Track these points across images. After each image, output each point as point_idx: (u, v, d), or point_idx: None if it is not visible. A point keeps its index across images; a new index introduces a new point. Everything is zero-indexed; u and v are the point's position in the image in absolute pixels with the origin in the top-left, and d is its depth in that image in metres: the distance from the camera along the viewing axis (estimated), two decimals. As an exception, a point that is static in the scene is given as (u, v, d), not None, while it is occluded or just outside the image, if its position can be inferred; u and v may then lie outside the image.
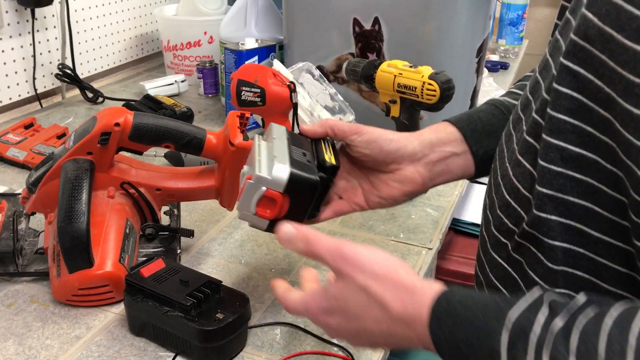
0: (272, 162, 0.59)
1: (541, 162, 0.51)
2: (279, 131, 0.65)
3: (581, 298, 0.44)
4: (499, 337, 0.44)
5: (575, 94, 0.48)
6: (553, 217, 0.51)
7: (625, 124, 0.43)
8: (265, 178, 0.58)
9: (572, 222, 0.50)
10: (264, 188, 0.58)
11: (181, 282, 0.69)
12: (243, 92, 0.99)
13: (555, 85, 0.50)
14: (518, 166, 0.55)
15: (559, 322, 0.42)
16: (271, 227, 0.61)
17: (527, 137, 0.54)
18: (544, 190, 0.51)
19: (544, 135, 0.51)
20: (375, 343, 0.53)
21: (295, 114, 0.99)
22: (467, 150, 0.69)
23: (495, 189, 0.59)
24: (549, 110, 0.50)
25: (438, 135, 0.69)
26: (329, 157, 0.63)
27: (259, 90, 0.98)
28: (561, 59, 0.49)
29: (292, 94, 0.98)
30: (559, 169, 0.50)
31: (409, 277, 0.50)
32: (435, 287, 0.49)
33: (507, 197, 0.56)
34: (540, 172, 0.51)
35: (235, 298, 0.68)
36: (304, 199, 0.60)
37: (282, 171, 0.58)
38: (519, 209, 0.54)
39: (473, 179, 0.72)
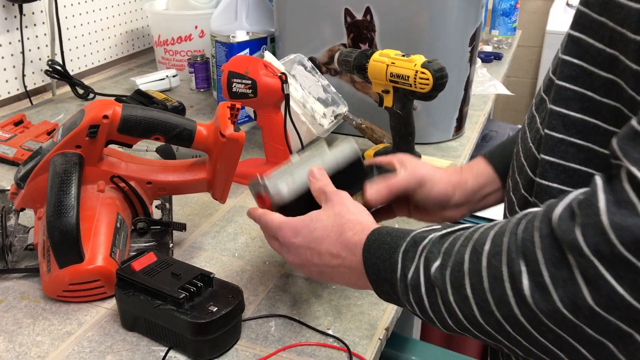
0: (282, 177, 0.68)
1: (545, 130, 0.53)
2: (334, 152, 0.71)
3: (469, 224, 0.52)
4: (400, 249, 0.53)
5: (576, 60, 0.50)
6: (554, 185, 0.52)
7: (627, 81, 0.44)
8: (266, 186, 0.67)
9: (572, 189, 0.50)
10: (262, 192, 0.68)
11: (173, 275, 0.68)
12: (234, 84, 0.98)
13: (560, 54, 0.51)
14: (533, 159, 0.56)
15: (439, 233, 0.52)
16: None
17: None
18: (547, 158, 0.52)
19: (548, 104, 0.52)
20: (323, 272, 0.62)
21: (287, 105, 0.98)
22: (502, 186, 0.74)
23: (519, 170, 0.60)
24: (555, 80, 0.52)
25: (478, 180, 0.75)
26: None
27: (250, 82, 0.97)
28: (568, 29, 0.51)
29: (284, 85, 0.97)
30: (561, 136, 0.51)
31: (368, 221, 0.61)
32: (371, 226, 0.59)
33: (532, 176, 0.57)
34: (544, 140, 0.53)
35: (228, 290, 0.67)
36: (289, 213, 0.67)
37: (277, 190, 0.67)
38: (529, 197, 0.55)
39: None
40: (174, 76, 1.53)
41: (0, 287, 0.77)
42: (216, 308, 0.64)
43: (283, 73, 0.97)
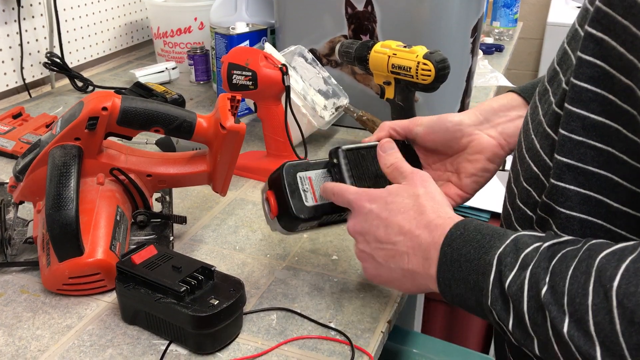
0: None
1: (562, 131, 0.51)
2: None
3: (576, 238, 0.47)
4: (496, 251, 0.48)
5: (598, 62, 0.48)
6: (572, 187, 0.51)
7: None
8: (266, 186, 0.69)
9: (591, 192, 0.50)
10: (265, 193, 0.69)
11: (174, 268, 0.67)
12: (234, 76, 0.97)
13: (579, 53, 0.49)
14: (546, 138, 0.54)
15: (546, 243, 0.47)
16: (282, 224, 0.69)
17: (556, 109, 0.53)
18: (564, 160, 0.51)
19: (566, 104, 0.50)
20: (377, 250, 0.59)
21: (288, 97, 0.97)
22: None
23: (521, 162, 0.58)
24: (572, 78, 0.50)
25: (499, 102, 0.70)
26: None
27: (250, 74, 0.96)
28: (586, 26, 0.48)
29: (284, 76, 0.96)
30: (580, 138, 0.50)
31: (453, 213, 0.57)
32: (454, 218, 0.55)
33: (535, 169, 0.56)
34: (561, 141, 0.51)
35: (230, 283, 0.67)
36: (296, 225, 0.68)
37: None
38: (546, 181, 0.54)
39: None
40: (173, 68, 1.52)
41: (0, 280, 0.76)
42: (217, 301, 0.64)
43: (284, 65, 0.97)
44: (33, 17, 1.41)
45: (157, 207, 0.89)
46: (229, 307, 0.64)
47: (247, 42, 1.26)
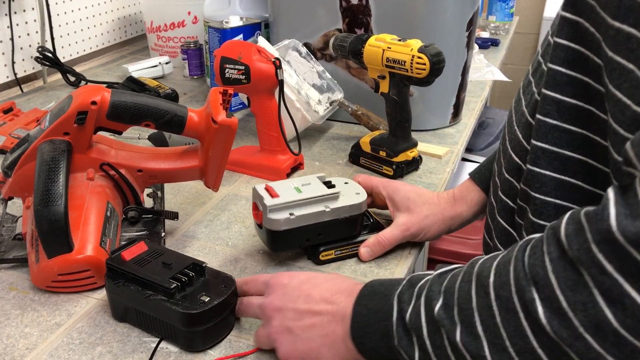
0: (282, 210, 0.74)
1: (538, 116, 0.51)
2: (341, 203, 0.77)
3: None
4: (395, 293, 0.51)
5: (572, 44, 0.48)
6: (547, 172, 0.51)
7: (606, 67, 0.43)
8: (265, 208, 0.74)
9: (565, 177, 0.50)
10: (260, 209, 0.75)
11: (164, 264, 0.66)
12: (227, 70, 0.96)
13: (554, 38, 0.49)
14: (527, 128, 0.54)
15: (435, 272, 0.50)
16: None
17: (537, 97, 0.53)
18: (539, 144, 0.51)
19: (542, 89, 0.50)
20: (295, 322, 0.58)
21: (282, 91, 0.96)
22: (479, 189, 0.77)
23: (504, 154, 0.59)
24: (547, 63, 0.50)
25: (474, 210, 0.77)
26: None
27: (243, 68, 0.95)
28: (560, 11, 0.49)
29: (278, 70, 0.95)
30: (555, 122, 0.50)
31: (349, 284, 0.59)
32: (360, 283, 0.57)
33: (516, 159, 0.56)
34: (537, 126, 0.51)
35: (221, 280, 0.66)
36: (277, 240, 0.76)
37: (273, 220, 0.73)
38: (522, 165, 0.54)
39: None
40: (166, 63, 1.51)
41: (-12, 277, 0.75)
42: (208, 298, 0.63)
43: (277, 58, 0.95)
44: (24, 10, 1.39)
45: (148, 202, 0.88)
46: (220, 304, 0.63)
47: (241, 35, 1.24)
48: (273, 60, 0.95)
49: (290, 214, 0.73)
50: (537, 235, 0.43)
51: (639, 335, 0.35)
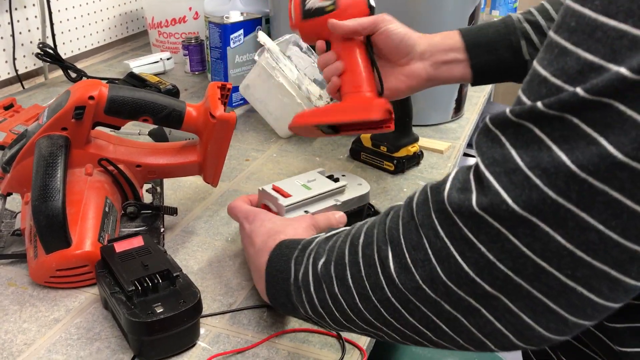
0: (296, 210, 0.75)
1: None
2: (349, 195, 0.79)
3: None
4: (292, 257, 0.56)
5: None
6: None
7: None
8: (280, 207, 0.75)
9: None
10: (270, 207, 0.76)
11: (142, 264, 0.65)
12: None
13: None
14: None
15: (324, 235, 0.56)
16: None
17: None
18: None
19: None
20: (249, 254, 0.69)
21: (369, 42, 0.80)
22: (467, 59, 0.79)
23: None
24: None
25: (446, 41, 0.80)
26: None
27: None
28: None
29: None
30: None
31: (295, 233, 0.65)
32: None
33: None
34: None
35: (187, 294, 0.63)
36: None
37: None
38: None
39: (472, 84, 0.83)
40: (168, 59, 1.50)
41: (-13, 273, 0.75)
42: (161, 310, 0.60)
43: None
44: (25, 7, 1.39)
45: (147, 198, 0.88)
46: (167, 318, 0.60)
47: (242, 31, 1.24)
48: None
49: (305, 212, 0.74)
50: (400, 203, 0.49)
51: (461, 286, 0.41)
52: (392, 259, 0.45)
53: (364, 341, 0.65)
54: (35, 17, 1.42)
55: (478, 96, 1.37)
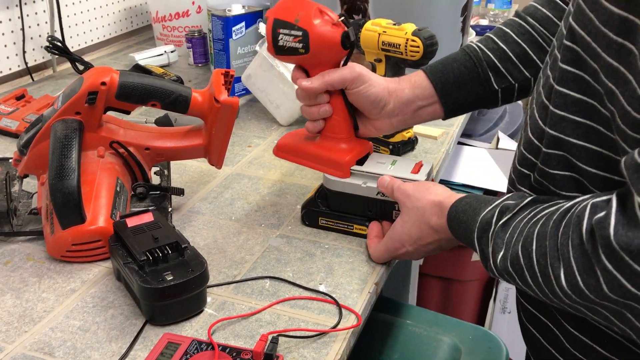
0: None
1: (550, 108, 0.59)
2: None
3: (527, 198, 0.60)
4: (474, 235, 0.62)
5: (574, 46, 0.55)
6: (559, 153, 0.59)
7: (608, 75, 0.50)
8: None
9: (572, 158, 0.58)
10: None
11: (153, 237, 0.69)
12: (280, 36, 0.77)
13: (564, 40, 0.57)
14: (543, 109, 0.61)
15: (500, 221, 0.60)
16: None
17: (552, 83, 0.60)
18: (551, 132, 0.59)
19: (554, 84, 0.58)
20: (427, 250, 0.74)
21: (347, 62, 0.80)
22: (437, 101, 0.81)
23: (524, 127, 0.66)
24: (559, 62, 0.58)
25: (415, 91, 0.80)
26: None
27: (300, 34, 0.75)
28: (569, 18, 0.57)
29: (346, 35, 0.75)
30: (563, 113, 0.57)
31: (440, 193, 0.71)
32: (452, 199, 0.68)
33: (530, 135, 0.63)
34: (550, 116, 0.59)
35: (195, 263, 0.68)
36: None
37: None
38: (540, 146, 0.61)
39: (444, 119, 0.85)
40: (172, 52, 1.55)
41: (6, 249, 0.80)
42: (171, 277, 0.65)
43: (344, 16, 0.77)
44: (34, 1, 1.44)
45: (155, 180, 0.92)
46: (177, 285, 0.65)
47: (244, 23, 1.29)
48: (340, 20, 0.76)
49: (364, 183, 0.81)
50: (566, 207, 0.53)
51: (623, 298, 0.48)
52: (563, 277, 0.51)
53: (360, 307, 0.70)
54: (44, 11, 1.47)
55: (472, 85, 1.41)
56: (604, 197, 0.50)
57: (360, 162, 0.83)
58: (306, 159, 0.84)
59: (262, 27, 1.14)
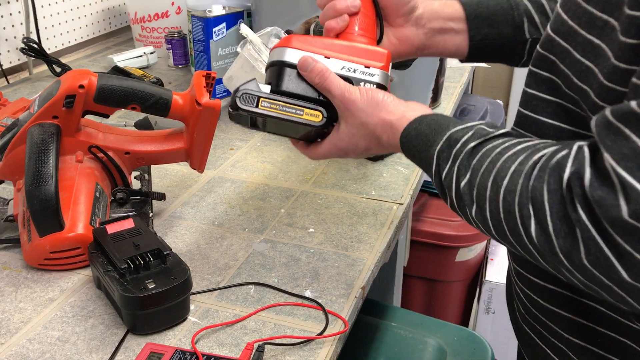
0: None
1: (524, 87, 0.60)
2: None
3: (501, 131, 0.56)
4: (436, 147, 0.58)
5: (549, 31, 0.57)
6: (528, 134, 0.59)
7: (585, 52, 0.51)
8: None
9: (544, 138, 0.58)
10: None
11: (134, 244, 0.68)
12: None
13: (547, 27, 0.59)
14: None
15: (472, 143, 0.55)
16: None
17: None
18: (523, 110, 0.60)
19: (530, 65, 0.60)
20: (367, 155, 0.69)
21: None
22: (465, 30, 0.73)
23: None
24: (537, 45, 0.60)
25: (445, 8, 0.74)
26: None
27: None
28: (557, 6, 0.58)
29: None
30: (533, 91, 0.59)
31: (392, 111, 0.64)
32: (404, 121, 0.62)
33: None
34: (522, 95, 0.60)
35: (178, 271, 0.66)
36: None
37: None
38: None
39: (464, 61, 0.77)
40: (151, 53, 1.53)
41: (-19, 258, 0.78)
42: (153, 285, 0.64)
43: None
44: (9, 2, 1.41)
45: (136, 185, 0.91)
46: (159, 293, 0.63)
47: (224, 24, 1.27)
48: None
49: None
50: (546, 151, 0.49)
51: (599, 268, 0.44)
52: (533, 219, 0.47)
53: (346, 312, 0.69)
54: (19, 12, 1.44)
55: (454, 86, 1.41)
56: (587, 142, 0.47)
57: None
58: (334, 49, 0.68)
59: (244, 28, 1.12)
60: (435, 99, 1.27)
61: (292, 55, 0.66)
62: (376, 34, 0.71)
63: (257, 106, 0.64)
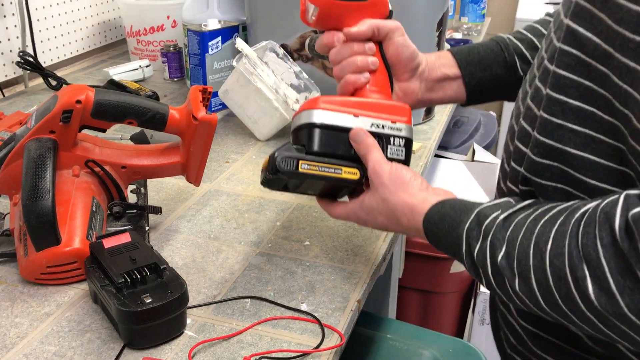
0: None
1: (543, 114, 0.56)
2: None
3: (529, 201, 0.55)
4: (464, 226, 0.56)
5: (574, 51, 0.53)
6: (554, 164, 0.56)
7: (622, 76, 0.48)
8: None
9: (570, 170, 0.55)
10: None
11: (130, 259, 0.68)
12: None
13: (558, 43, 0.55)
14: (529, 109, 0.60)
15: (502, 215, 0.54)
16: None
17: (538, 83, 0.59)
18: (545, 140, 0.56)
19: (547, 90, 0.55)
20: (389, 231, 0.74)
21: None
22: (460, 77, 0.78)
23: (510, 144, 0.64)
24: (552, 66, 0.55)
25: (440, 60, 0.79)
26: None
27: None
28: (566, 18, 0.54)
29: None
30: (560, 121, 0.54)
31: (414, 194, 0.64)
32: (426, 205, 0.62)
33: (518, 143, 0.62)
34: (542, 123, 0.56)
35: (175, 285, 0.66)
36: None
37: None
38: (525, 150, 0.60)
39: (465, 105, 0.82)
40: (147, 66, 1.54)
41: (-23, 272, 0.78)
42: (150, 300, 0.64)
43: None
44: (5, 16, 1.41)
45: (132, 198, 0.91)
46: (156, 307, 0.64)
47: (220, 38, 1.28)
48: None
49: None
50: (588, 207, 0.47)
51: None
52: (590, 280, 0.44)
53: (342, 326, 0.69)
54: (15, 26, 1.44)
55: (448, 99, 1.43)
56: (637, 191, 0.44)
57: None
58: (361, 107, 0.70)
59: (239, 42, 1.13)
60: (429, 112, 1.28)
61: (321, 117, 0.69)
62: (389, 87, 0.74)
63: (297, 168, 0.67)
